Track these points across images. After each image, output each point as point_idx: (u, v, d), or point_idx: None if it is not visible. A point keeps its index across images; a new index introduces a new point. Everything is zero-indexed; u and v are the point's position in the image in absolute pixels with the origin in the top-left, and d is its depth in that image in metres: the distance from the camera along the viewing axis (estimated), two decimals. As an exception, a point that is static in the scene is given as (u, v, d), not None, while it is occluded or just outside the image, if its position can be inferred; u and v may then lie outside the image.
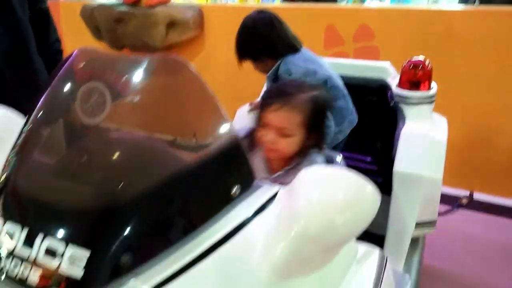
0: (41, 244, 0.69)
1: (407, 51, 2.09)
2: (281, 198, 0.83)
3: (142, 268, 0.70)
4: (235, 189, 0.81)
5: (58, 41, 1.92)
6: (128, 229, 0.71)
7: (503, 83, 2.36)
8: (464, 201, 2.68)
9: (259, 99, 1.54)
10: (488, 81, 2.39)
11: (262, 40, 1.74)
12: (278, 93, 1.27)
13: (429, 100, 1.80)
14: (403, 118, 1.80)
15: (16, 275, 0.70)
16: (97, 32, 3.45)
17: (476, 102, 2.44)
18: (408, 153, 1.65)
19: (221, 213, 0.78)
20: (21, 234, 0.71)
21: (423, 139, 1.69)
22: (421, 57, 1.81)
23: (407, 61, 1.82)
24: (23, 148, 0.85)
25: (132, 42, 3.29)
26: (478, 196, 2.66)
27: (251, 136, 1.29)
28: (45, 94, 0.91)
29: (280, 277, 0.73)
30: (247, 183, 0.84)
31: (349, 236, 0.74)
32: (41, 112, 0.89)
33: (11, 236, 0.72)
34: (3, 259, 0.72)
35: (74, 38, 3.55)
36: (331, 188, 0.75)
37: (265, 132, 1.24)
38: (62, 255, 0.68)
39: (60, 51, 1.92)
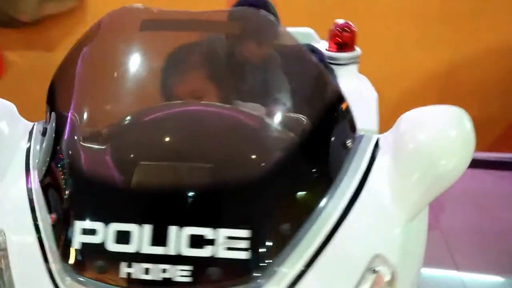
0: (179, 237, 0.61)
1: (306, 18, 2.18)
2: (387, 145, 0.86)
3: (299, 235, 0.68)
4: (349, 141, 0.84)
5: None
6: (279, 199, 0.69)
7: (403, 50, 2.61)
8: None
9: None
10: (387, 47, 2.61)
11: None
12: None
13: (356, 60, 1.96)
14: (333, 79, 1.94)
15: (156, 278, 0.61)
16: None
17: (378, 67, 2.66)
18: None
19: (345, 167, 0.80)
20: (143, 233, 0.62)
21: (358, 95, 1.85)
22: (346, 20, 1.94)
23: (334, 24, 1.94)
24: (98, 136, 0.73)
25: (-6, 18, 2.79)
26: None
27: None
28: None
29: (410, 219, 0.78)
30: (354, 134, 0.88)
31: (462, 172, 0.79)
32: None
33: (127, 238, 0.62)
34: (123, 266, 0.62)
35: None
36: (437, 127, 0.80)
37: None
38: (213, 242, 0.62)
39: None
